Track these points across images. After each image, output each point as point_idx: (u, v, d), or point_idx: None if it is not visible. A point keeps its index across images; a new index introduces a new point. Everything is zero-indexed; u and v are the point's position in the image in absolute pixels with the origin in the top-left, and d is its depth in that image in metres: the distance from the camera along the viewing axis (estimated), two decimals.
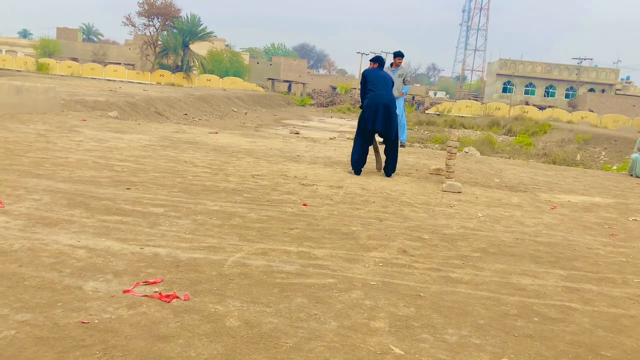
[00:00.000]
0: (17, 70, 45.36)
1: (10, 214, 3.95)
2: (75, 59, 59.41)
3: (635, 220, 6.13)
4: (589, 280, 3.75)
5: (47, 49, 58.78)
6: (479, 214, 5.59)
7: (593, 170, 12.51)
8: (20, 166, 5.69)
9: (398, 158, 7.82)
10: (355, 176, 7.29)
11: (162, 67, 53.09)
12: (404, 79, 11.99)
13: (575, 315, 3.10)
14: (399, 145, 12.91)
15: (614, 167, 15.39)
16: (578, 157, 18.42)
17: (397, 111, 12.03)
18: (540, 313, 3.07)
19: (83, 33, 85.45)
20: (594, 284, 3.68)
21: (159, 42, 52.54)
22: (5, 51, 69.42)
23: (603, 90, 61.51)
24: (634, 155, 11.11)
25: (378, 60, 7.76)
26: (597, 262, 4.23)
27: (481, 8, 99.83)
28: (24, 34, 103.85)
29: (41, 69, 49.61)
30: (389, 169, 7.63)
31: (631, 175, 11.00)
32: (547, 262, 4.10)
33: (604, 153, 20.74)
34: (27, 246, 3.33)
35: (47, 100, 12.25)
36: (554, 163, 15.68)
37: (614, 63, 68.47)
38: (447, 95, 77.48)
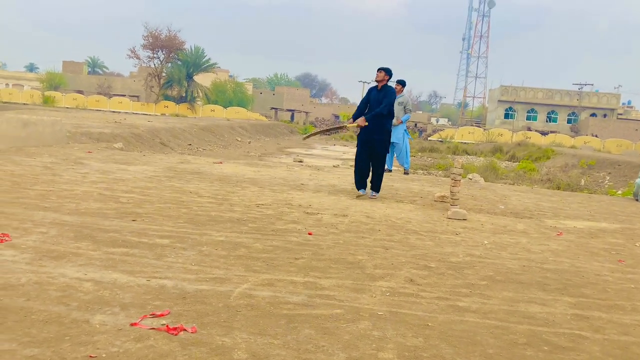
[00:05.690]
0: (24, 104, 45.95)
1: (18, 248, 3.97)
2: (80, 92, 60.27)
3: None
4: (598, 308, 3.72)
5: (53, 82, 59.68)
6: (485, 241, 5.58)
7: (598, 195, 12.48)
8: (27, 199, 5.73)
9: (402, 185, 7.87)
10: (360, 204, 7.29)
11: (167, 98, 53.78)
12: (404, 107, 12.12)
13: (586, 343, 3.06)
14: (403, 172, 13.01)
15: (619, 192, 15.34)
16: (582, 182, 18.39)
17: (398, 138, 12.18)
18: (550, 342, 3.04)
19: (88, 66, 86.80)
20: (603, 312, 3.65)
21: (164, 74, 53.32)
22: (12, 85, 70.49)
23: (605, 115, 61.79)
24: (638, 180, 11.09)
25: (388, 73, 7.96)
26: (605, 289, 4.19)
27: (481, 36, 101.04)
28: (31, 68, 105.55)
29: (47, 101, 50.32)
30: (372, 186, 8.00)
31: (637, 199, 10.97)
32: (555, 289, 4.07)
33: (608, 178, 20.69)
34: (34, 280, 3.34)
35: (53, 133, 12.38)
36: (559, 188, 15.65)
37: (614, 88, 68.99)
38: (450, 122, 77.95)
